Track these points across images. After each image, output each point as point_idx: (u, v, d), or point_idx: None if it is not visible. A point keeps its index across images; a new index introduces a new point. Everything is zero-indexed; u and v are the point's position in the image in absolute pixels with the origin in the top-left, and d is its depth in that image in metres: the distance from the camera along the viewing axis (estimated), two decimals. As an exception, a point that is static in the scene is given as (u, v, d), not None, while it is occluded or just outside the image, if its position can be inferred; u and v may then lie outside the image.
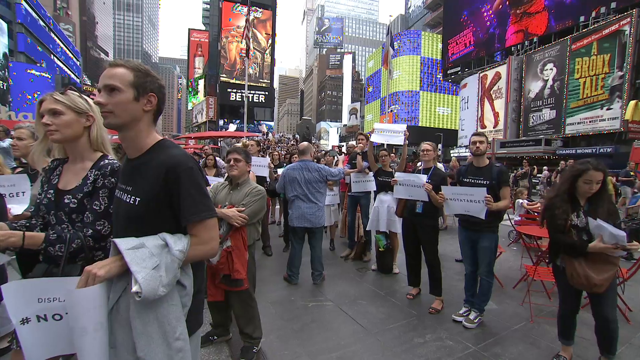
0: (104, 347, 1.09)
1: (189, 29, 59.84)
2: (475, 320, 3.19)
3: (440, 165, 5.76)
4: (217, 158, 6.25)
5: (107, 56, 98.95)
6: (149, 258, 1.07)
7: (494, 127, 25.54)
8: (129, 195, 1.20)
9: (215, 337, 2.81)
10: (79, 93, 1.52)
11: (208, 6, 67.49)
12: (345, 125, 69.36)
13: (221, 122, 38.56)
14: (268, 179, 5.19)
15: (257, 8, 39.17)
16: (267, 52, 41.72)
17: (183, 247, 1.14)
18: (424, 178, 3.54)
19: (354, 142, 6.17)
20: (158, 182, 1.16)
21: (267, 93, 41.35)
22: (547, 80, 21.56)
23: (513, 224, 5.60)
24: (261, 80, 41.34)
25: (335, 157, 7.60)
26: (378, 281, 4.41)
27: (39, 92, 32.73)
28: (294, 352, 2.76)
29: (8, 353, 2.37)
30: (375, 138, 4.45)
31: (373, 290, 4.08)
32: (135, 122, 1.21)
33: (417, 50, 42.89)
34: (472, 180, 3.22)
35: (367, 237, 5.15)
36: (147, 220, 1.18)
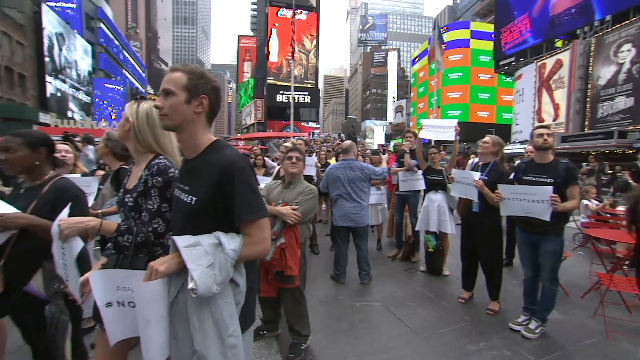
0: (165, 338, 1.15)
1: (238, 36, 62.54)
2: (537, 331, 2.89)
3: None
4: (266, 158, 6.41)
5: (167, 66, 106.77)
6: (204, 256, 1.10)
7: (553, 120, 23.11)
8: (186, 195, 1.23)
9: (265, 332, 2.87)
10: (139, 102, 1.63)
11: (255, 12, 69.85)
12: (391, 123, 67.80)
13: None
14: (315, 178, 5.21)
15: (301, 10, 39.72)
16: (312, 53, 42.15)
17: (236, 247, 1.15)
18: (476, 175, 3.30)
19: (401, 140, 5.98)
20: (213, 182, 1.18)
21: (312, 94, 41.77)
22: (623, 63, 18.80)
23: (580, 226, 5.04)
24: (306, 81, 41.92)
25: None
26: (427, 283, 4.21)
27: (114, 104, 36.40)
28: (342, 351, 2.72)
29: (91, 332, 2.64)
30: (424, 135, 4.25)
31: (422, 292, 3.90)
32: (188, 123, 1.24)
33: (466, 42, 40.31)
34: (534, 179, 2.90)
35: (416, 237, 4.95)
36: (203, 219, 1.20)
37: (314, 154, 8.52)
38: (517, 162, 4.59)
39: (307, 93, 41.20)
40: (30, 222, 1.59)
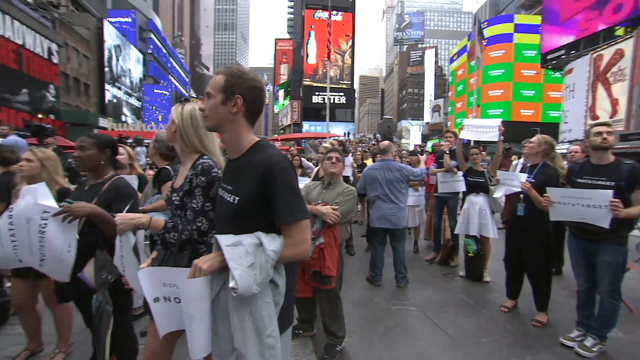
0: (208, 334, 1.18)
1: (275, 39, 63.85)
2: (594, 349, 2.61)
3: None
4: (302, 158, 6.46)
5: (208, 71, 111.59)
6: (245, 256, 1.10)
7: (610, 117, 20.93)
8: (230, 194, 1.24)
9: (301, 332, 2.87)
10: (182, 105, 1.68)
11: (292, 16, 70.92)
12: (428, 123, 65.70)
13: (305, 125, 40.14)
14: (352, 178, 5.15)
15: (337, 11, 39.65)
16: (347, 53, 41.94)
17: (276, 248, 1.15)
18: (522, 177, 3.07)
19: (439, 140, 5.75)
20: (255, 182, 1.18)
21: (347, 95, 41.58)
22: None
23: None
24: (342, 81, 41.78)
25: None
26: (467, 289, 4.01)
27: (160, 108, 38.75)
28: (378, 355, 2.66)
29: (140, 319, 2.83)
30: (465, 135, 4.05)
31: (461, 298, 3.72)
32: (226, 124, 1.26)
33: (509, 37, 37.83)
34: (590, 181, 2.61)
35: (455, 240, 4.74)
36: (244, 218, 1.21)
37: (350, 154, 8.47)
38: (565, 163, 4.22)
39: (342, 94, 41.04)
40: (94, 211, 1.72)
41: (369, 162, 6.94)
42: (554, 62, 27.63)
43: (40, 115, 15.62)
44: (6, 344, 2.64)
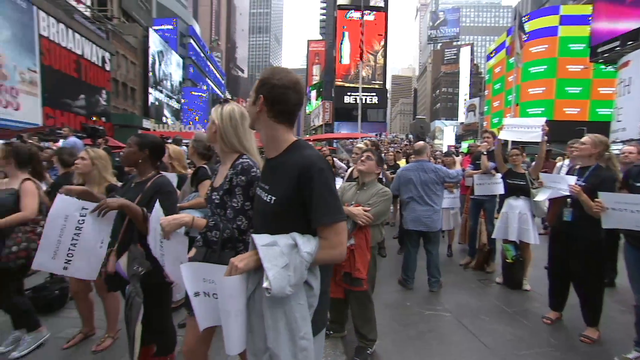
0: (243, 331, 1.19)
1: (307, 41, 64.30)
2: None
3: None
4: (335, 159, 6.44)
5: (243, 73, 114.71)
6: (279, 256, 1.10)
7: (672, 114, 18.91)
8: (266, 194, 1.24)
9: (331, 332, 2.86)
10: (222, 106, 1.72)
11: (324, 17, 71.09)
12: (462, 123, 63.20)
13: (336, 124, 40.12)
14: (384, 179, 5.06)
15: (369, 11, 39.20)
16: (380, 53, 41.35)
17: (311, 250, 1.13)
18: (570, 179, 2.85)
19: (475, 141, 5.50)
20: (291, 182, 1.16)
21: (379, 95, 41.01)
22: None
23: None
24: (374, 82, 41.28)
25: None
26: (504, 296, 3.80)
27: (198, 110, 40.43)
28: (409, 360, 2.59)
29: (178, 311, 2.97)
30: (505, 135, 3.84)
31: (498, 306, 3.53)
32: (258, 123, 1.28)
33: (554, 30, 35.04)
34: (651, 186, 2.39)
35: (492, 245, 4.51)
36: (280, 218, 1.20)
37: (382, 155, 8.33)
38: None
39: (374, 94, 40.54)
40: (124, 204, 1.80)
41: (402, 163, 6.80)
42: (606, 54, 24.92)
43: (94, 118, 16.90)
44: (64, 326, 2.87)
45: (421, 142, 4.10)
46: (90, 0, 22.67)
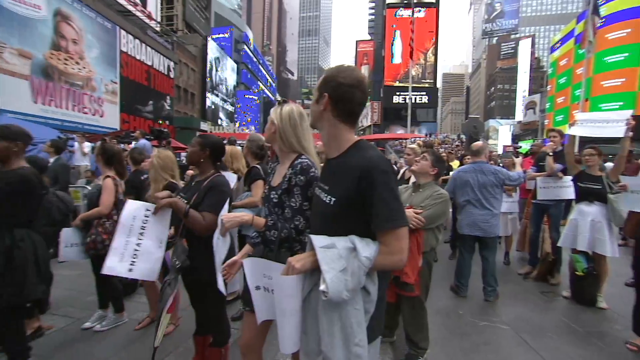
0: (297, 331, 1.17)
1: (356, 41, 63.79)
2: None
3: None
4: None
5: (293, 75, 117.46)
6: (337, 259, 1.06)
7: None
8: (326, 195, 1.20)
9: (380, 337, 2.77)
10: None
11: (373, 17, 70.10)
12: (520, 122, 58.17)
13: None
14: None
15: (420, 8, 37.74)
16: (430, 51, 39.65)
17: (370, 255, 1.09)
18: None
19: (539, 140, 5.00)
20: (352, 184, 1.11)
21: (430, 94, 39.36)
22: None
23: None
24: (423, 80, 39.72)
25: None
26: (573, 313, 3.39)
27: (250, 112, 42.27)
28: (463, 373, 2.42)
29: (232, 304, 3.06)
30: (578, 131, 3.43)
31: (566, 324, 3.16)
32: (319, 122, 1.25)
33: (636, 12, 30.00)
34: None
35: (558, 255, 4.06)
36: (339, 220, 1.16)
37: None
38: None
39: (424, 93, 38.94)
40: (171, 201, 1.87)
41: (454, 164, 6.43)
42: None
43: (160, 122, 18.53)
44: (134, 310, 3.14)
45: (479, 143, 3.81)
46: (159, 16, 24.77)
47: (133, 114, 19.48)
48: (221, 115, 38.04)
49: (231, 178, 2.99)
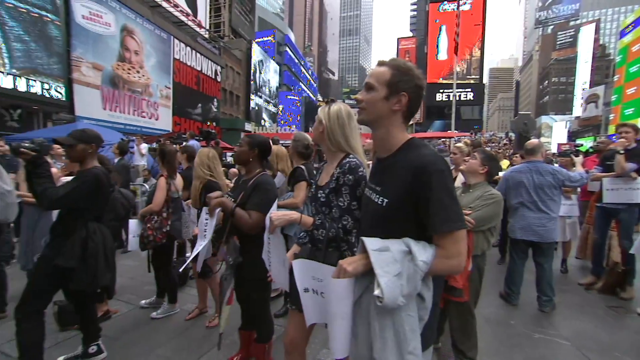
0: (347, 335, 1.12)
1: (397, 39, 62.18)
2: None
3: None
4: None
5: (334, 75, 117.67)
6: (392, 263, 1.00)
7: None
8: (377, 195, 1.15)
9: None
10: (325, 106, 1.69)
11: (415, 12, 67.91)
12: (578, 117, 52.74)
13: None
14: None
15: (465, 0, 35.75)
16: (476, 45, 37.42)
17: (427, 259, 1.02)
18: None
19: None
20: (406, 184, 1.05)
21: (475, 90, 37.16)
22: None
23: None
24: (469, 76, 37.64)
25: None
26: (650, 332, 2.98)
27: (292, 113, 43.07)
28: (517, 388, 2.23)
29: (275, 300, 3.12)
30: None
31: (641, 344, 2.78)
32: (383, 120, 1.16)
33: None
34: None
35: (630, 265, 3.60)
36: (392, 222, 1.10)
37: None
38: None
39: (469, 90, 36.84)
40: (219, 201, 1.92)
41: (504, 164, 6.00)
42: None
43: (208, 123, 19.57)
44: (185, 302, 3.32)
45: (534, 141, 3.49)
46: (208, 24, 26.12)
47: (184, 116, 20.81)
48: (264, 116, 39.18)
49: (280, 178, 3.03)
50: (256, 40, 38.08)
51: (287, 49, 47.03)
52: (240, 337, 2.34)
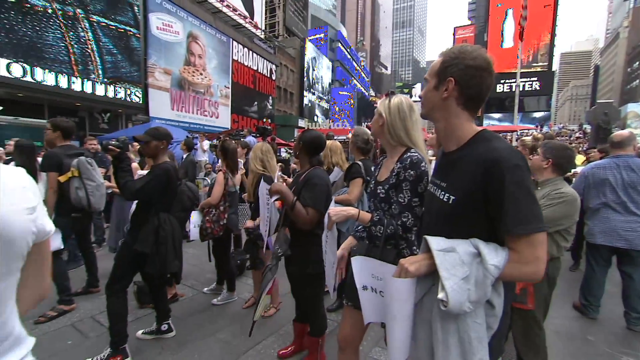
0: (407, 338, 1.07)
1: (454, 28, 58.16)
2: None
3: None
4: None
5: (387, 70, 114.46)
6: (459, 265, 0.92)
7: None
8: (443, 192, 1.06)
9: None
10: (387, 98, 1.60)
11: (475, -1, 62.87)
12: (679, 102, 44.46)
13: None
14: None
15: (534, -22, 31.96)
16: (546, 30, 33.34)
17: (499, 263, 0.91)
18: None
19: None
20: (475, 180, 0.96)
21: (542, 79, 33.23)
22: None
23: None
24: (534, 64, 33.84)
25: None
26: None
27: (344, 108, 42.88)
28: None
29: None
30: None
31: None
32: (438, 111, 1.10)
33: None
34: None
35: None
36: (458, 221, 1.02)
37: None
38: None
39: (535, 79, 33.06)
40: (279, 189, 1.90)
41: (579, 159, 5.29)
42: None
43: (264, 120, 20.39)
44: (242, 290, 3.49)
45: (625, 132, 2.97)
46: (263, 25, 27.07)
47: (241, 114, 21.98)
48: (317, 112, 39.60)
49: (336, 172, 3.01)
50: (309, 37, 38.49)
51: (340, 45, 46.82)
52: (294, 328, 2.38)
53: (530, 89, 32.73)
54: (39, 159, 3.04)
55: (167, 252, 2.32)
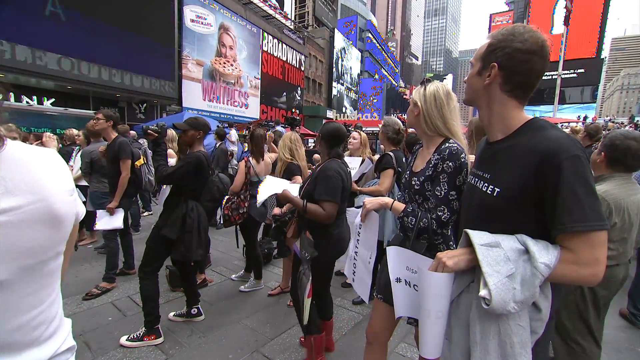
0: (440, 336, 1.01)
1: (490, 15, 54.78)
2: None
3: None
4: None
5: (417, 60, 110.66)
6: (503, 262, 0.85)
7: None
8: (487, 184, 0.98)
9: None
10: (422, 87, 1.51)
11: (516, -18, 58.69)
12: None
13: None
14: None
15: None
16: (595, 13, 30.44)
17: (550, 261, 0.83)
18: None
19: None
20: (527, 173, 0.88)
21: (588, 68, 30.49)
22: None
23: None
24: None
25: None
26: None
27: (373, 98, 42.09)
28: None
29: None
30: None
31: None
32: (481, 98, 1.03)
33: None
34: None
35: None
36: (504, 216, 0.94)
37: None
38: None
39: (580, 68, 30.44)
40: (287, 196, 1.91)
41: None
42: None
43: (292, 111, 20.47)
44: (268, 279, 3.53)
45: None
46: (293, 15, 26.95)
47: (270, 105, 22.18)
48: (345, 103, 39.19)
49: (367, 164, 2.94)
50: (338, 28, 37.87)
51: (369, 35, 45.73)
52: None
53: (572, 77, 30.11)
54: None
55: (192, 239, 2.36)
